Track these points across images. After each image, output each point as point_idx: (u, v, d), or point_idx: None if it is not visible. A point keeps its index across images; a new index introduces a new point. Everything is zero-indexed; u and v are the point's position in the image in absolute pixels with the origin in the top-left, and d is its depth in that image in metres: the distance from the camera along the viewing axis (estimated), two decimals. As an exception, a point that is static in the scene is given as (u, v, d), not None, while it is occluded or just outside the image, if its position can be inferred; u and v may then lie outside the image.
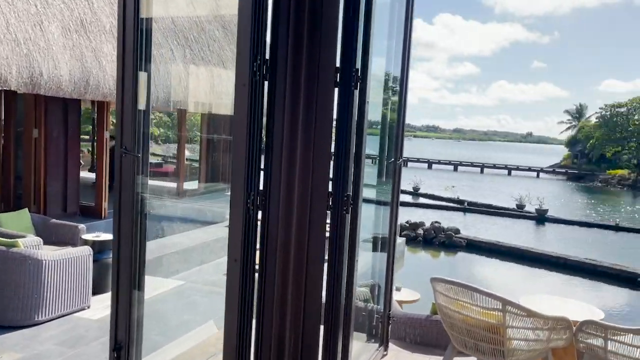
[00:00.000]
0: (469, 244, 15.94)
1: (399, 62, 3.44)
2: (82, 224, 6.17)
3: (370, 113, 4.41)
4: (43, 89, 6.33)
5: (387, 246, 3.72)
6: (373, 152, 3.61)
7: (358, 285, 4.58)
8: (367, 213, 4.25)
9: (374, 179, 3.81)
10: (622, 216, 27.77)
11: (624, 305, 11.20)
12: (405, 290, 5.86)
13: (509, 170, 64.00)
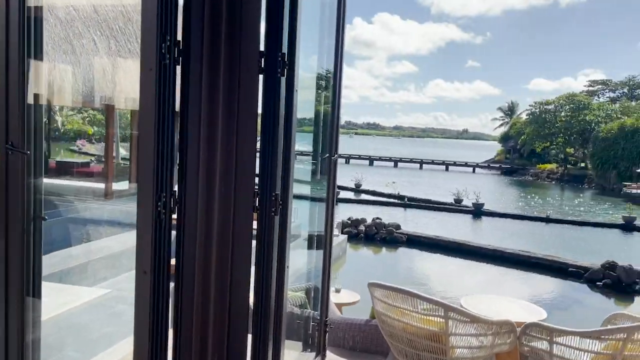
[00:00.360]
0: (410, 239, 16.09)
1: (332, 57, 3.21)
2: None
3: (303, 109, 4.15)
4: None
5: (323, 246, 3.49)
6: (307, 149, 3.38)
7: (293, 289, 4.31)
8: (302, 212, 4.03)
9: (308, 176, 3.57)
10: (552, 208, 29.13)
11: (557, 294, 11.59)
12: (345, 291, 5.65)
13: (447, 165, 65.94)
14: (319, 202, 3.51)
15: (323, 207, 3.42)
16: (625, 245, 18.67)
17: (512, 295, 11.22)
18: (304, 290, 3.85)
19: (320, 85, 3.42)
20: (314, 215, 3.65)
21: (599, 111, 56.10)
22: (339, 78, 3.19)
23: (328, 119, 3.25)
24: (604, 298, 11.81)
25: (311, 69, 3.35)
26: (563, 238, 19.28)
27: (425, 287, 11.44)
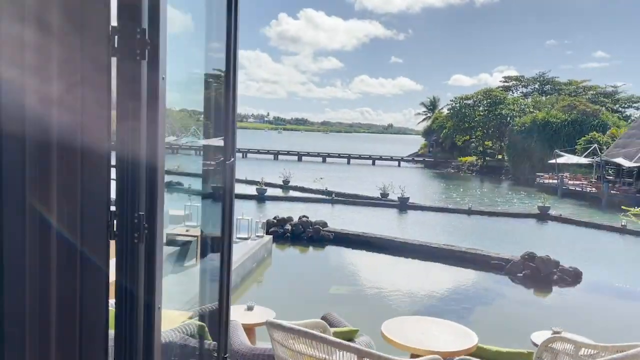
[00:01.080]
0: (337, 236, 15.82)
1: (223, 51, 2.68)
2: None
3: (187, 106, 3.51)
4: None
5: (221, 264, 2.95)
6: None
7: (189, 315, 3.73)
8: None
9: (198, 185, 3.02)
10: (473, 200, 30.14)
11: (480, 288, 11.72)
12: (259, 309, 5.11)
13: (373, 160, 67.08)
14: (213, 213, 2.97)
15: (216, 219, 2.89)
16: (541, 235, 19.49)
17: (438, 289, 11.22)
18: (198, 316, 3.28)
19: (210, 85, 2.87)
20: (209, 227, 3.10)
21: (514, 105, 59.08)
22: (232, 76, 2.67)
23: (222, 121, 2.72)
24: (524, 289, 12.09)
25: (198, 64, 2.81)
26: (484, 229, 19.83)
27: (355, 288, 11.17)
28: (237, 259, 11.32)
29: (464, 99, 62.19)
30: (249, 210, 21.57)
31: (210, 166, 2.91)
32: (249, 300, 10.16)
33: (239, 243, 12.88)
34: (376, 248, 15.07)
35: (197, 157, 3.17)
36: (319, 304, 10.11)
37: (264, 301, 10.32)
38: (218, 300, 2.91)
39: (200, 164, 2.94)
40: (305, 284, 11.50)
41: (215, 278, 3.18)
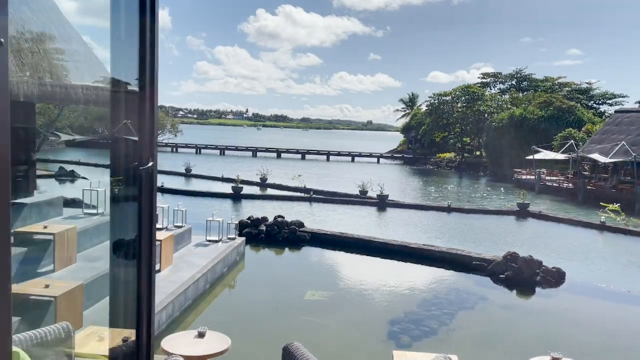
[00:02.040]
0: (314, 237, 15.23)
1: (136, 42, 2.06)
2: None
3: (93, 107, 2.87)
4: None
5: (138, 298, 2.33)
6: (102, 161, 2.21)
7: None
8: (102, 243, 2.89)
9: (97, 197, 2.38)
10: (452, 196, 29.89)
11: (461, 291, 11.25)
12: (213, 335, 4.47)
13: (353, 157, 66.73)
14: (124, 227, 2.35)
15: (131, 233, 2.27)
16: (522, 232, 19.20)
17: (418, 293, 10.71)
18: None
19: (126, 77, 2.25)
20: (121, 247, 2.48)
21: (491, 102, 59.25)
22: (152, 73, 2.05)
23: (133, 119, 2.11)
24: (506, 292, 11.67)
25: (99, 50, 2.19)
26: (464, 227, 19.47)
27: (331, 293, 10.60)
28: (206, 264, 10.67)
29: (442, 95, 62.16)
30: (224, 209, 20.85)
31: (120, 170, 2.28)
32: (216, 310, 9.56)
33: (209, 246, 12.20)
34: (354, 249, 14.54)
35: (105, 158, 2.52)
36: (292, 312, 9.53)
37: (232, 310, 9.75)
38: (136, 339, 2.29)
39: (108, 169, 2.30)
40: (279, 290, 10.89)
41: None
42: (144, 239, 2.22)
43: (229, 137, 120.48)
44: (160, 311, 7.94)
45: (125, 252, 2.35)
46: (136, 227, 2.18)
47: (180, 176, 34.97)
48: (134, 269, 2.27)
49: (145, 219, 2.17)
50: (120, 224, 2.34)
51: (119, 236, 2.39)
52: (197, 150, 68.46)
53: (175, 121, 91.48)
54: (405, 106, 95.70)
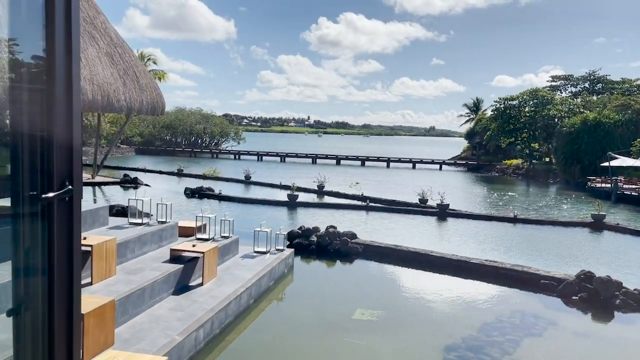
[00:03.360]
0: (366, 249, 14.50)
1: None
2: None
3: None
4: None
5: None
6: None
7: None
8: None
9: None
10: (519, 205, 28.15)
11: (527, 314, 10.15)
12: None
13: (414, 163, 65.20)
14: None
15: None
16: (597, 247, 17.56)
17: (478, 315, 9.73)
18: None
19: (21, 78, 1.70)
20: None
21: (562, 106, 55.99)
22: (69, 73, 1.52)
23: (44, 130, 1.56)
24: (580, 316, 10.45)
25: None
26: (532, 241, 18.06)
27: (382, 312, 9.87)
28: (251, 277, 10.23)
29: (508, 99, 59.47)
30: (278, 218, 20.54)
31: (20, 198, 1.70)
32: (258, 328, 9.05)
33: (256, 258, 11.79)
34: (409, 262, 13.69)
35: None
36: (338, 333, 8.88)
37: (275, 328, 9.22)
38: None
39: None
40: (326, 307, 10.26)
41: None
42: (58, 303, 1.63)
43: (290, 144, 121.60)
44: (197, 329, 7.54)
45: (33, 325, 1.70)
46: (44, 282, 1.61)
47: (239, 183, 35.21)
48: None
49: (60, 270, 1.62)
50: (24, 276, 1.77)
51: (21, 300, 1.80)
52: (258, 157, 69.29)
53: (238, 129, 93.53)
54: (470, 111, 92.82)
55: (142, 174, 38.62)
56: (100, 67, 8.44)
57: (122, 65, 9.11)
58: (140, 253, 9.77)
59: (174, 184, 33.05)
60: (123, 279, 8.27)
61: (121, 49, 9.28)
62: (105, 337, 6.48)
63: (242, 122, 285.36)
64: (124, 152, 66.56)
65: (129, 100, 8.96)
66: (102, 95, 8.29)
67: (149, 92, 9.61)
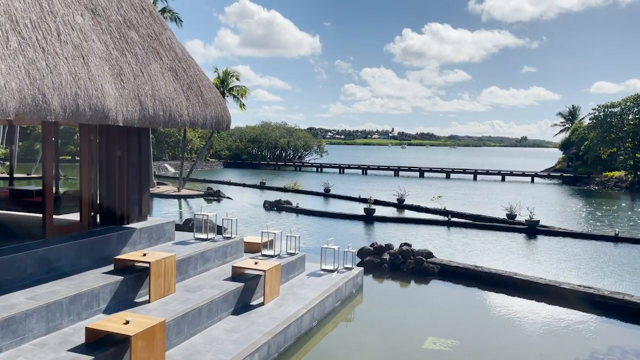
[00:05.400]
0: (443, 269, 13.54)
1: None
2: None
3: None
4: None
5: None
6: None
7: None
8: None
9: None
10: (621, 223, 25.50)
11: (629, 351, 8.79)
12: None
13: (503, 176, 61.99)
14: None
15: None
16: None
17: (566, 351, 8.56)
18: None
19: None
20: None
21: (673, 112, 50.73)
22: None
23: None
24: (697, 357, 8.90)
25: None
26: (636, 263, 16.08)
27: (457, 342, 8.99)
28: (314, 297, 9.76)
29: (609, 106, 54.91)
30: (353, 233, 19.99)
31: None
32: (319, 354, 8.53)
33: (322, 276, 11.31)
34: (491, 285, 12.55)
35: None
36: (405, 364, 8.14)
37: (336, 355, 8.64)
38: None
39: None
40: (395, 333, 9.52)
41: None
42: None
43: (373, 156, 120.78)
44: (252, 354, 7.16)
45: None
46: None
47: (319, 196, 35.10)
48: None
49: None
50: None
51: None
52: (340, 169, 69.27)
53: (321, 142, 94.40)
54: (565, 120, 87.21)
55: (226, 187, 39.74)
56: (163, 82, 8.44)
57: (186, 79, 9.08)
58: (203, 270, 9.64)
59: (256, 197, 33.57)
60: (181, 297, 8.12)
61: (185, 64, 9.27)
62: (155, 359, 6.27)
63: (326, 135, 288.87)
64: (213, 166, 69.31)
65: (192, 115, 8.89)
66: (164, 110, 8.26)
67: (214, 106, 9.52)
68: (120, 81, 7.46)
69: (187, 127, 9.08)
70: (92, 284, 7.28)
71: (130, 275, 7.79)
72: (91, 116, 6.72)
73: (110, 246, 8.65)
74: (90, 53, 7.11)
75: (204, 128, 9.56)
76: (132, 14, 8.68)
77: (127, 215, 9.56)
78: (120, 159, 9.43)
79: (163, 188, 34.58)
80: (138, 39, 8.46)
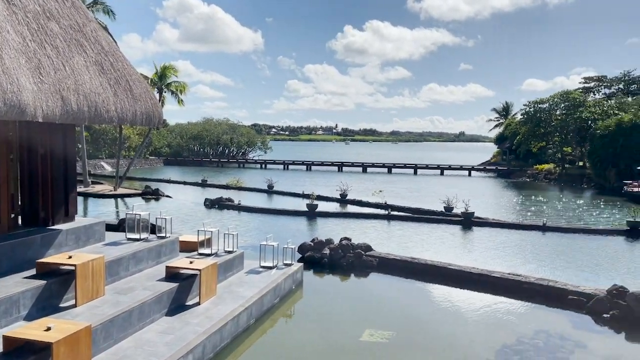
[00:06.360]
0: (381, 262, 13.78)
1: None
2: None
3: None
4: None
5: None
6: None
7: None
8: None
9: None
10: (550, 212, 26.88)
11: (552, 334, 9.26)
12: None
13: (442, 170, 63.91)
14: None
15: None
16: (633, 258, 16.38)
17: (497, 336, 8.90)
18: None
19: None
20: None
21: (595, 108, 53.92)
22: None
23: None
24: (611, 336, 9.50)
25: None
26: (562, 251, 16.99)
27: (394, 333, 9.16)
28: (253, 295, 9.67)
29: (538, 102, 57.66)
30: (295, 229, 19.97)
31: None
32: (257, 352, 8.46)
33: (261, 273, 11.23)
34: (427, 277, 12.89)
35: None
36: (344, 358, 8.22)
37: (275, 351, 8.60)
38: None
39: None
40: (334, 327, 9.59)
41: None
42: None
43: (317, 152, 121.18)
44: (186, 355, 7.00)
45: None
46: None
47: (262, 193, 34.84)
48: None
49: None
50: None
51: None
52: (284, 166, 69.09)
53: (265, 138, 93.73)
54: (499, 116, 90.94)
55: (166, 185, 38.70)
56: (87, 76, 8.06)
57: (114, 74, 8.73)
58: (136, 271, 9.32)
59: (197, 195, 32.87)
60: (111, 300, 7.82)
61: (113, 57, 8.91)
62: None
63: (270, 131, 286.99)
64: (153, 164, 67.30)
65: (120, 111, 8.56)
66: (89, 106, 7.90)
67: (144, 102, 9.20)
68: (39, 75, 7.06)
69: (115, 124, 8.74)
70: (12, 289, 6.87)
71: (54, 279, 7.42)
72: (6, 111, 6.32)
73: (33, 249, 8.19)
74: (4, 45, 6.69)
75: (134, 124, 9.24)
76: (52, 4, 8.24)
77: (52, 216, 9.09)
78: (44, 157, 8.95)
79: (99, 187, 33.25)
80: (59, 30, 8.04)
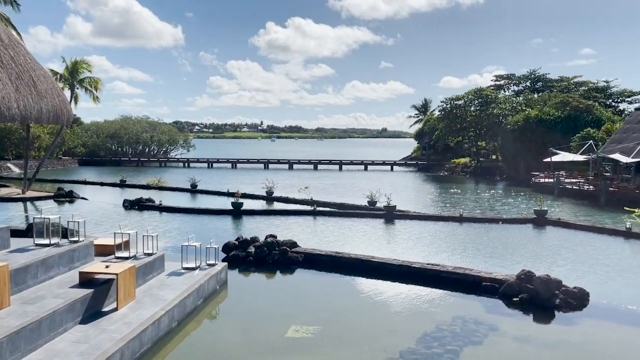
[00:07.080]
0: (307, 258, 13.88)
1: None
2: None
3: None
4: None
5: None
6: None
7: None
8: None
9: None
10: (466, 204, 28.27)
11: (468, 319, 9.76)
12: None
13: (366, 165, 65.41)
14: None
15: None
16: (539, 244, 17.59)
17: (418, 325, 9.22)
18: None
19: None
20: None
21: (505, 104, 57.32)
22: None
23: None
24: (521, 318, 10.16)
25: None
26: (477, 240, 17.93)
27: (318, 327, 9.24)
28: (174, 297, 9.40)
29: (454, 99, 60.42)
30: (220, 228, 19.61)
31: None
32: (181, 355, 8.25)
33: (183, 275, 10.95)
34: (351, 271, 13.14)
35: None
36: (269, 355, 8.20)
37: (199, 353, 8.40)
38: None
39: None
40: (259, 325, 9.54)
41: None
42: None
43: (243, 150, 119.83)
44: (102, 363, 6.67)
45: None
46: None
47: (185, 192, 33.90)
48: None
49: None
50: None
51: None
52: (209, 164, 67.74)
53: (187, 136, 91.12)
54: (419, 112, 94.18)
55: (82, 187, 36.70)
56: (-16, 71, 7.45)
57: (15, 68, 8.12)
58: (46, 278, 8.77)
59: (116, 196, 31.42)
60: (17, 311, 7.30)
61: (13, 51, 8.29)
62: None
63: (193, 128, 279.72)
64: (66, 164, 63.50)
65: (23, 108, 7.99)
66: (-13, 104, 7.30)
67: (50, 98, 8.65)
68: None
69: (18, 122, 8.15)
70: None
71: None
72: None
73: None
74: None
75: (40, 123, 8.67)
76: (-59, -9, 7.53)
77: (-52, 223, 8.33)
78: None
79: (5, 190, 30.93)
80: (-50, 21, 7.36)
